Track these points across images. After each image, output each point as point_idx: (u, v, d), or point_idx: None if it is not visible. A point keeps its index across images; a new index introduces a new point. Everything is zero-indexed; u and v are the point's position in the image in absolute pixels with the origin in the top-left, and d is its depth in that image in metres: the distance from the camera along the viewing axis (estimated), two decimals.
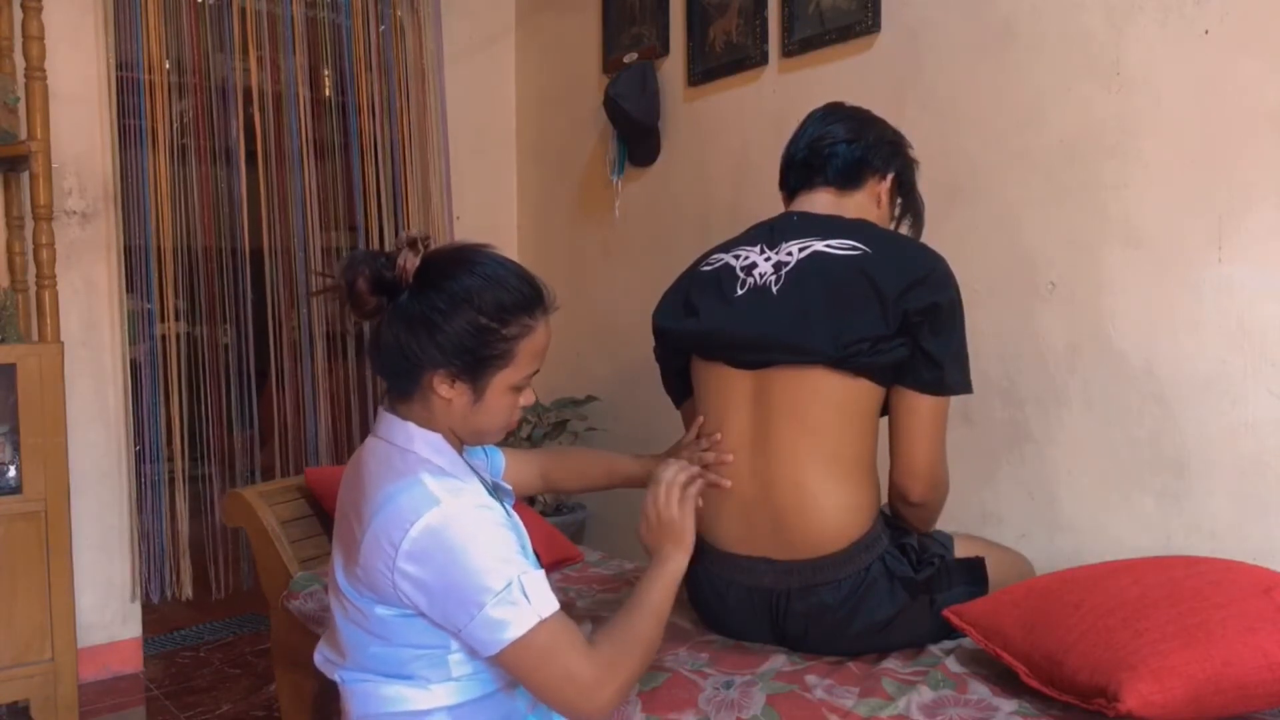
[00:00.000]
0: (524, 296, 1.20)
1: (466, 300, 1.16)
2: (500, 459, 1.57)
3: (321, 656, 1.32)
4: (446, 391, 1.19)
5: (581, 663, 1.14)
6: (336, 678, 1.27)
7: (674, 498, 1.34)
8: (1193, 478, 1.82)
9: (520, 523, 1.29)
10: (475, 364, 1.18)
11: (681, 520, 1.33)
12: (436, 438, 1.22)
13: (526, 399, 1.26)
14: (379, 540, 1.14)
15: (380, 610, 1.18)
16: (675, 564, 1.31)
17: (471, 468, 1.28)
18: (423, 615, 1.16)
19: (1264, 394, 1.72)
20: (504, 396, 1.22)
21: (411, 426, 1.22)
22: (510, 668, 1.16)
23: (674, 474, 1.36)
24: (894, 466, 1.52)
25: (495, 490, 1.34)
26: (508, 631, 1.11)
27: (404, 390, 1.22)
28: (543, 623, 1.13)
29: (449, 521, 1.13)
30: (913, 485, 1.51)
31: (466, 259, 1.20)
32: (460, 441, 1.27)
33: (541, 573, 1.18)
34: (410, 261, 1.16)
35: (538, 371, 1.25)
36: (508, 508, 1.30)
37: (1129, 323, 1.90)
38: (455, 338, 1.16)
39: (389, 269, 1.16)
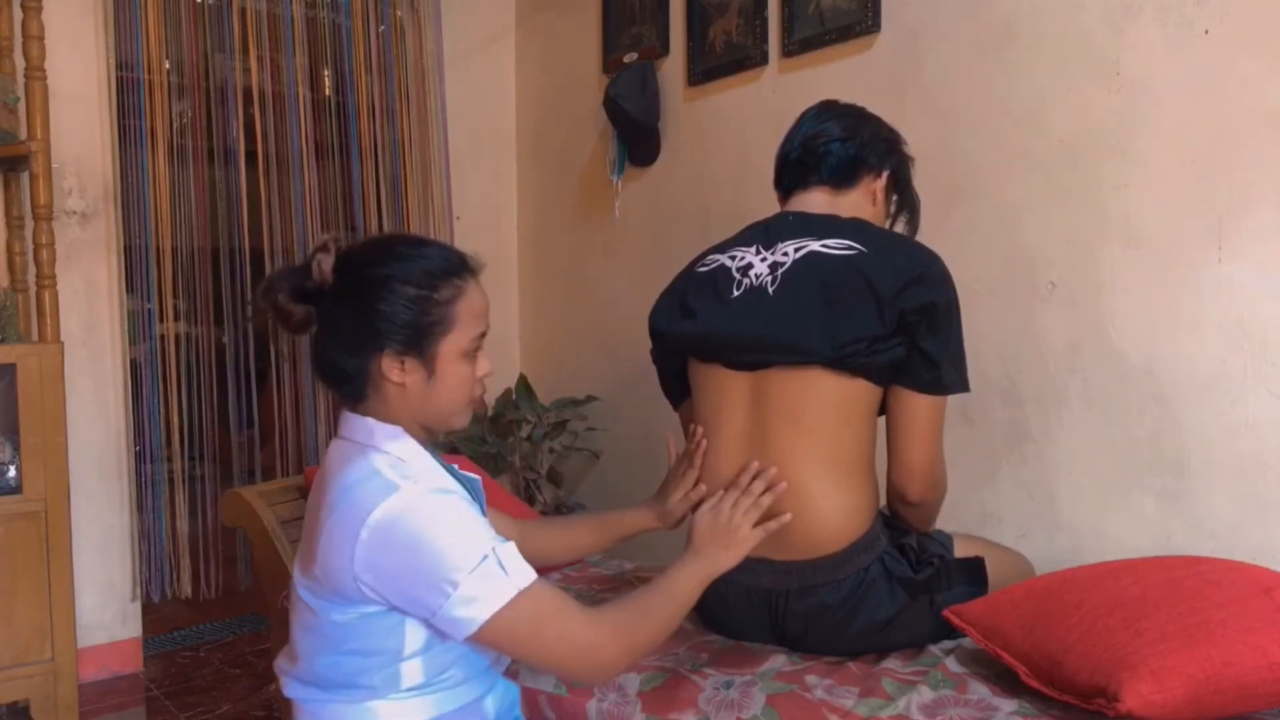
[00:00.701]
0: (448, 262, 1.21)
1: (393, 276, 1.17)
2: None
3: (278, 667, 1.30)
4: (398, 375, 1.18)
5: (575, 624, 1.14)
6: (287, 694, 1.25)
7: (753, 515, 1.35)
8: (1193, 478, 1.82)
9: (483, 510, 1.27)
10: (417, 335, 1.17)
11: (747, 534, 1.34)
12: (396, 429, 1.21)
13: (482, 368, 1.24)
14: (337, 535, 1.12)
15: (337, 616, 1.15)
16: (715, 565, 1.32)
17: (439, 463, 1.25)
18: (394, 609, 1.13)
19: (1264, 394, 1.72)
20: (456, 365, 1.21)
21: (371, 421, 1.21)
22: (499, 645, 1.14)
23: (761, 492, 1.37)
24: (892, 466, 1.52)
25: (464, 483, 1.30)
26: (486, 607, 1.09)
27: (357, 391, 1.21)
28: (523, 593, 1.11)
29: (408, 508, 1.11)
30: (911, 485, 1.51)
31: (383, 243, 1.26)
32: (428, 435, 1.25)
33: (513, 545, 1.15)
34: (325, 262, 1.17)
35: (485, 334, 1.24)
36: (471, 494, 1.27)
37: (1129, 323, 1.90)
38: (392, 315, 1.16)
39: (307, 278, 1.17)
